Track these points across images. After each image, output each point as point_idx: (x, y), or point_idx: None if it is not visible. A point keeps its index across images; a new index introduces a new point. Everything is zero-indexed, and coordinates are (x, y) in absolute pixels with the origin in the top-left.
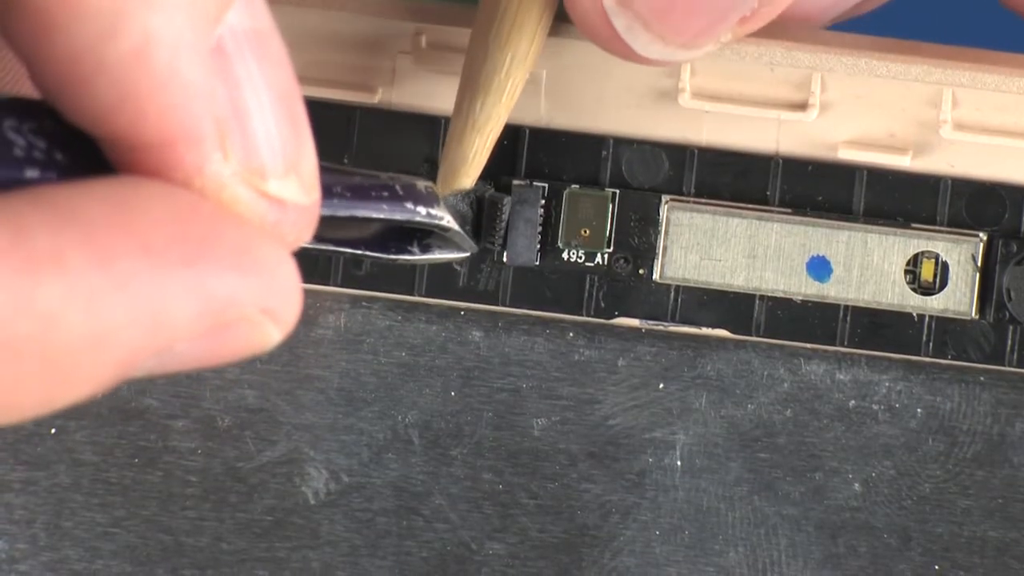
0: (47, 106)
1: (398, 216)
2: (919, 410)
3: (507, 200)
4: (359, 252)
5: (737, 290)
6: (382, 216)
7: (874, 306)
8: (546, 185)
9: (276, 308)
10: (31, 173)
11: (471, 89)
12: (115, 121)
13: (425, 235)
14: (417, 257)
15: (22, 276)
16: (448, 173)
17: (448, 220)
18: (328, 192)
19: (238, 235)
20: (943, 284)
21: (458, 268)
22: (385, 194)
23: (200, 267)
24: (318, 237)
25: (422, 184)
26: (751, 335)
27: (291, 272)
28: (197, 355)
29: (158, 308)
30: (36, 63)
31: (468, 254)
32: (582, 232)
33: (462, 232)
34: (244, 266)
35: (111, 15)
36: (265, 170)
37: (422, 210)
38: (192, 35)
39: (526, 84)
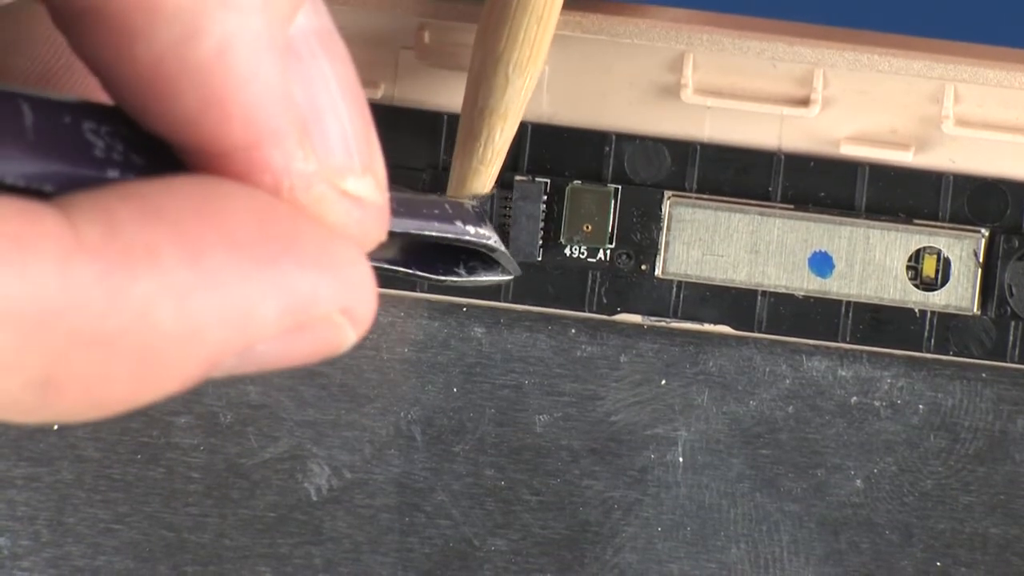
0: (121, 111)
1: (449, 235)
2: (921, 406)
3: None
4: (409, 271)
5: (739, 286)
6: (434, 234)
7: (876, 302)
8: (548, 181)
9: (354, 308)
10: (112, 174)
11: (491, 118)
12: (200, 125)
13: (471, 257)
14: (464, 279)
15: (117, 270)
16: (463, 193)
17: (495, 240)
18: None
19: (318, 234)
20: (945, 280)
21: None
22: (436, 212)
23: (284, 265)
24: (370, 255)
25: (469, 204)
26: (753, 331)
27: (367, 272)
28: (276, 355)
29: (245, 305)
30: (115, 74)
31: (512, 277)
32: (584, 228)
33: (507, 254)
34: (325, 265)
35: (191, 17)
36: (343, 169)
37: (471, 229)
38: (270, 35)
39: None
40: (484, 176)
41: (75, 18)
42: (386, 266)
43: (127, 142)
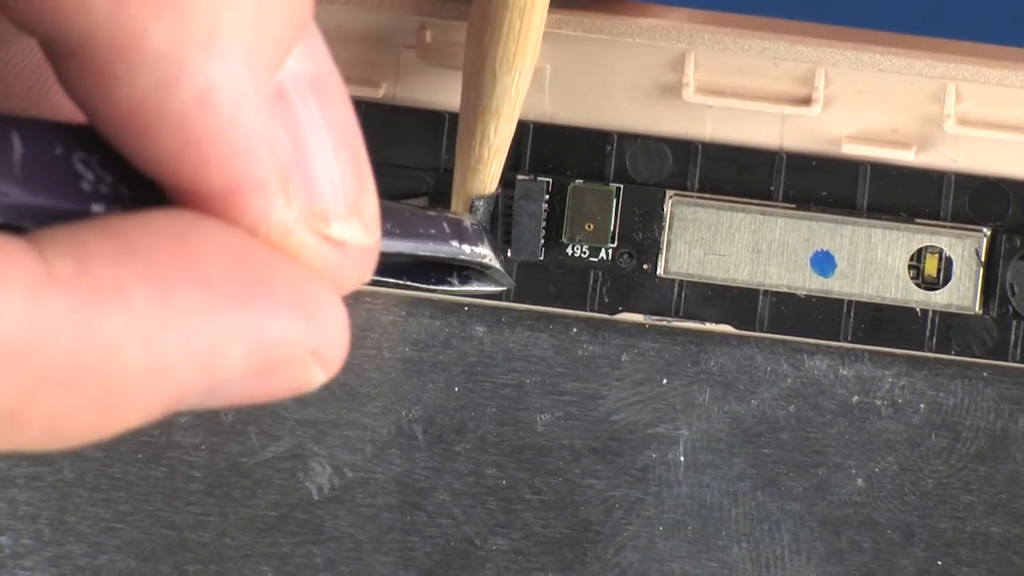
0: None
1: (442, 254)
2: (922, 406)
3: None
4: (401, 282)
5: (741, 285)
6: (427, 254)
7: (878, 301)
8: (550, 180)
9: (324, 351)
10: (97, 208)
11: (484, 116)
12: (178, 169)
13: (465, 267)
14: (457, 288)
15: (86, 306)
16: (467, 199)
17: (490, 258)
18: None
19: (292, 276)
20: (947, 279)
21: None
22: (432, 231)
23: (254, 307)
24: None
25: (468, 222)
26: (755, 330)
27: (341, 316)
28: (243, 393)
29: (212, 346)
30: (96, 112)
31: (505, 288)
32: (586, 227)
33: (502, 270)
34: (297, 308)
35: (171, 64)
36: (328, 214)
37: (467, 248)
38: (253, 82)
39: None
40: (483, 175)
41: (59, 55)
42: (377, 278)
43: (117, 173)
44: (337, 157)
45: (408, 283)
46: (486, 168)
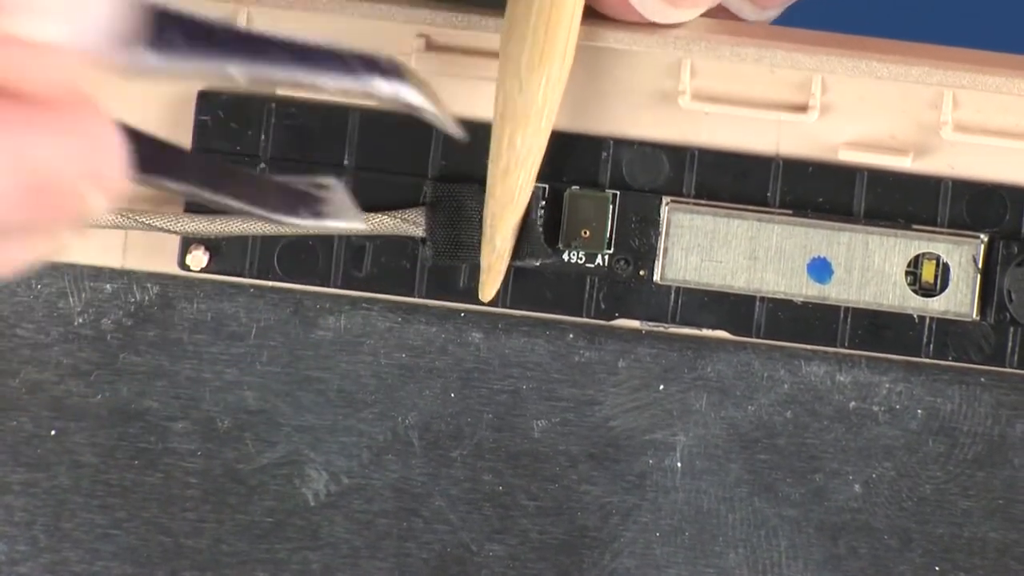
0: None
1: (349, 85)
2: (919, 411)
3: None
4: (246, 207)
5: (738, 291)
6: (329, 84)
7: (875, 307)
8: (547, 186)
9: (100, 171)
10: None
11: (510, 123)
12: None
13: (316, 201)
14: (308, 222)
15: None
16: (496, 210)
17: (421, 101)
18: (265, 52)
19: (53, 97)
20: (944, 285)
21: (458, 268)
22: (336, 62)
23: (14, 130)
24: (206, 185)
25: (386, 58)
26: (751, 336)
27: (110, 132)
28: (19, 220)
29: None
30: None
31: (356, 225)
32: (583, 233)
33: (440, 116)
34: (64, 130)
35: None
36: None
37: (383, 85)
38: None
39: None
40: (510, 184)
41: None
42: (220, 199)
43: None
44: None
45: (253, 210)
46: (512, 177)
